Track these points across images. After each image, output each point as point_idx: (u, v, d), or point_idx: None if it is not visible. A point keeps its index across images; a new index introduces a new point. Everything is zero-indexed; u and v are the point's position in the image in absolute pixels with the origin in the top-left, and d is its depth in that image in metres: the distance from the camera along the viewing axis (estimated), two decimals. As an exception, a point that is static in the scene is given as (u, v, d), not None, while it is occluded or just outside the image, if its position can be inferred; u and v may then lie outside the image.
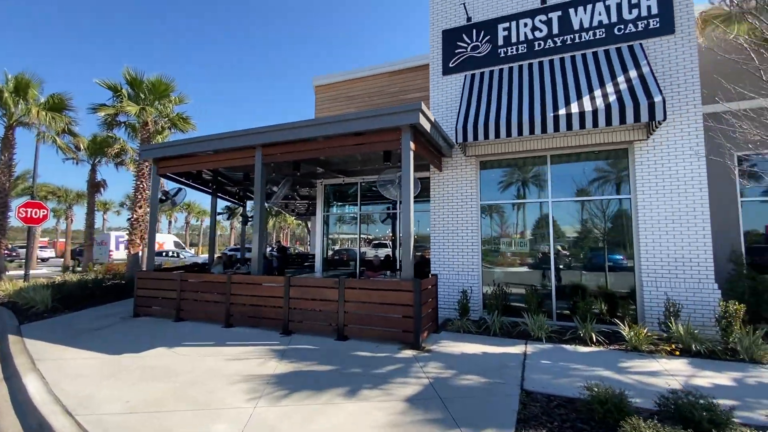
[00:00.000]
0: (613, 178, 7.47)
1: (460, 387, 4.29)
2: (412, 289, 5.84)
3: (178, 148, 8.21)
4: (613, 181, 7.47)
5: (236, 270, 11.94)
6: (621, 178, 7.37)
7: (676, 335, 5.73)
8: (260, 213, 7.59)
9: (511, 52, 8.00)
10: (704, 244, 6.49)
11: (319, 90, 11.69)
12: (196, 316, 7.74)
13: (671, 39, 6.92)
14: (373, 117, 6.35)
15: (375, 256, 10.28)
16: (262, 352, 5.64)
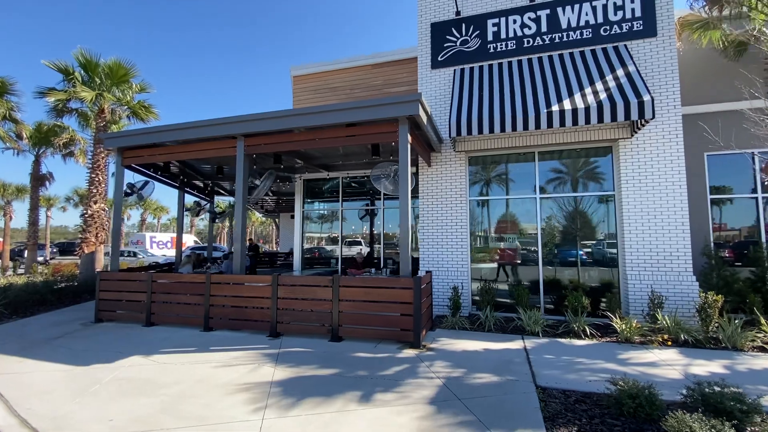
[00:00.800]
0: (597, 175, 7.68)
1: (475, 386, 4.15)
2: (411, 287, 5.65)
3: (150, 137, 7.49)
4: (597, 178, 7.67)
5: (206, 270, 11.22)
6: (605, 175, 7.58)
7: (664, 326, 5.95)
8: (242, 208, 7.08)
9: (501, 48, 8.01)
10: (683, 239, 6.81)
11: (298, 80, 11.19)
12: (169, 319, 7.11)
13: (653, 41, 7.19)
14: (369, 107, 6.08)
15: (358, 253, 9.99)
16: (253, 357, 5.22)
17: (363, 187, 10.78)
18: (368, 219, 10.99)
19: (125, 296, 7.55)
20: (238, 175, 7.07)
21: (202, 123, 7.14)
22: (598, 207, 7.65)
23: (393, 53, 10.27)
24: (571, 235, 7.79)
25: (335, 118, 6.30)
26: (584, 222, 7.74)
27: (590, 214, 7.71)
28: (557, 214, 7.85)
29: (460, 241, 8.00)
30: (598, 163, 7.66)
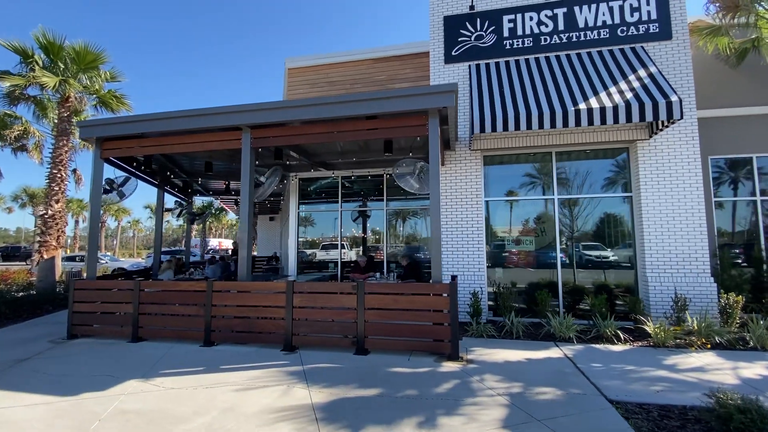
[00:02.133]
0: (614, 176, 7.62)
1: (544, 403, 3.76)
2: (447, 293, 5.21)
3: (136, 126, 6.58)
4: (614, 179, 7.61)
5: (189, 276, 10.25)
6: (623, 176, 7.53)
7: (694, 329, 5.87)
8: (249, 208, 6.36)
9: (517, 45, 7.79)
10: (701, 240, 6.83)
11: (294, 73, 10.50)
12: (161, 333, 6.24)
13: (669, 44, 7.22)
14: (396, 98, 5.60)
15: (361, 256, 9.42)
16: (277, 376, 4.56)
17: (367, 187, 10.23)
18: (360, 221, 10.45)
19: (106, 308, 6.58)
20: (244, 171, 6.34)
21: (201, 111, 6.36)
22: (615, 209, 7.58)
23: (397, 47, 9.85)
24: (588, 236, 7.67)
25: (357, 109, 5.78)
26: (601, 224, 7.65)
27: (607, 215, 7.63)
28: (574, 215, 7.71)
29: (477, 243, 7.67)
30: (615, 165, 7.60)
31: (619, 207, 7.53)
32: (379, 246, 9.94)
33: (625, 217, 7.48)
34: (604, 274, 7.51)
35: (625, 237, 7.48)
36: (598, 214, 7.64)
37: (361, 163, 9.43)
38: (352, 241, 10.33)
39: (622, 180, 7.53)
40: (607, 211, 7.61)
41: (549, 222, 7.74)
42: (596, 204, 7.64)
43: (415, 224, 10.09)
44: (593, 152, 7.68)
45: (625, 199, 7.47)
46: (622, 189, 7.50)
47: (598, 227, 7.64)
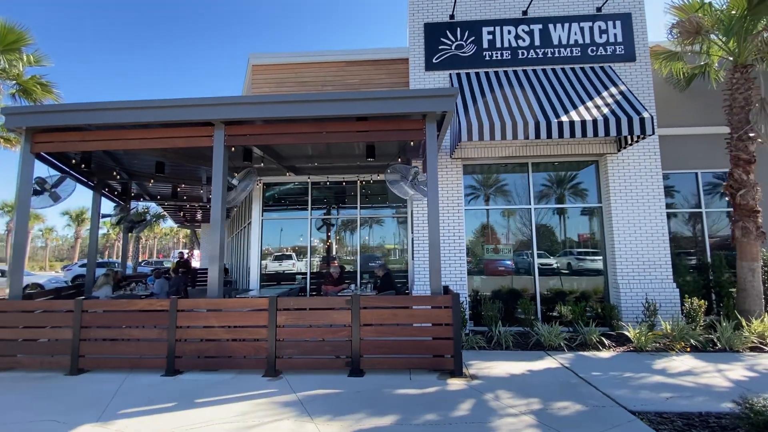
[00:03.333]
0: (584, 187, 7.96)
1: (573, 419, 3.60)
2: (450, 305, 4.94)
3: (82, 116, 5.55)
4: (584, 190, 7.96)
5: (131, 292, 8.98)
6: (591, 187, 7.89)
7: (669, 333, 6.18)
8: (221, 214, 5.63)
9: (497, 57, 7.91)
10: (664, 249, 7.32)
11: (260, 70, 9.76)
12: (108, 363, 5.24)
13: (633, 66, 7.77)
14: (394, 99, 5.31)
15: (334, 267, 8.86)
16: (270, 409, 3.95)
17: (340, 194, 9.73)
18: (324, 230, 9.93)
19: (34, 334, 5.40)
20: (216, 173, 5.61)
21: (167, 103, 5.54)
22: (586, 218, 7.91)
23: (371, 51, 9.58)
24: (563, 245, 7.90)
25: (351, 108, 5.39)
26: (574, 232, 7.93)
27: (579, 224, 7.94)
28: (550, 224, 7.92)
29: (458, 252, 7.55)
30: (585, 177, 7.96)
31: (589, 216, 7.87)
32: (353, 257, 9.48)
33: (595, 227, 7.83)
34: (575, 281, 7.77)
35: (596, 245, 7.81)
36: (572, 224, 7.92)
37: (336, 169, 8.96)
38: (320, 251, 9.75)
39: (591, 191, 7.89)
40: (579, 220, 7.92)
41: (526, 231, 7.87)
42: (569, 213, 7.92)
43: (389, 234, 9.79)
44: (567, 164, 7.98)
45: (594, 209, 7.82)
46: (591, 200, 7.85)
47: (571, 236, 7.91)
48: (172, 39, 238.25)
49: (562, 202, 7.92)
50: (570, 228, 7.94)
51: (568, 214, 7.93)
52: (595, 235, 7.84)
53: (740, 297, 6.90)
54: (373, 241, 9.80)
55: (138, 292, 9.09)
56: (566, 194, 7.96)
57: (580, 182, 7.98)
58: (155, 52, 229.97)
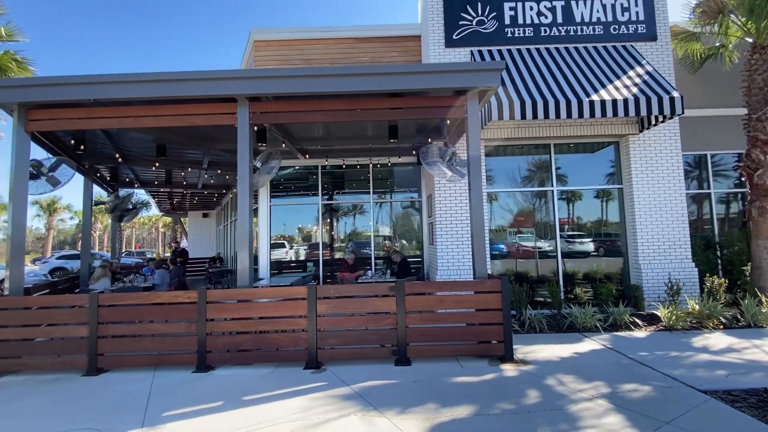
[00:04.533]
0: (606, 168, 7.93)
1: (648, 402, 3.52)
2: (499, 290, 4.77)
3: (87, 90, 4.95)
4: (605, 171, 7.93)
5: (130, 284, 8.44)
6: (612, 168, 7.86)
7: (695, 312, 6.25)
8: (248, 198, 5.21)
9: (519, 34, 7.66)
10: (684, 229, 7.40)
11: (262, 46, 9.14)
12: (133, 361, 4.82)
13: (654, 45, 7.69)
14: (439, 73, 5.00)
15: (349, 254, 8.56)
16: (329, 403, 3.69)
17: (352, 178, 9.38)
18: (334, 216, 9.57)
19: (40, 333, 4.91)
20: (241, 154, 5.17)
21: (184, 75, 5.03)
22: (605, 199, 7.90)
23: (382, 28, 9.13)
24: (584, 227, 7.89)
25: (388, 83, 5.01)
26: (594, 214, 7.92)
27: (599, 205, 7.93)
28: (571, 206, 7.87)
29: (482, 236, 7.39)
30: (607, 157, 7.91)
31: (609, 197, 7.86)
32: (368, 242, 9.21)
33: (615, 208, 7.83)
34: (594, 263, 7.79)
35: (617, 226, 7.83)
36: (593, 205, 7.90)
37: (348, 152, 8.57)
38: (330, 237, 9.42)
39: (613, 172, 7.86)
40: (599, 202, 7.91)
41: (548, 213, 7.79)
42: (591, 195, 7.89)
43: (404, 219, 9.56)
44: (589, 145, 7.91)
45: (615, 191, 7.81)
46: (612, 181, 7.83)
47: (593, 217, 7.90)
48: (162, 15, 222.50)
49: (586, 184, 7.87)
50: (591, 210, 7.93)
51: (589, 195, 7.90)
52: (617, 216, 7.84)
53: (755, 274, 7.08)
54: (383, 226, 9.54)
55: (137, 284, 8.56)
56: (588, 176, 7.90)
57: (601, 164, 7.94)
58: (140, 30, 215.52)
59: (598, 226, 7.94)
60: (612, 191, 7.90)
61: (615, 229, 7.88)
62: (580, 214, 7.94)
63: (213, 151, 8.25)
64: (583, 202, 7.94)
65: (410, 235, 9.50)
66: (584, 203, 7.94)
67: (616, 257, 7.83)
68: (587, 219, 7.97)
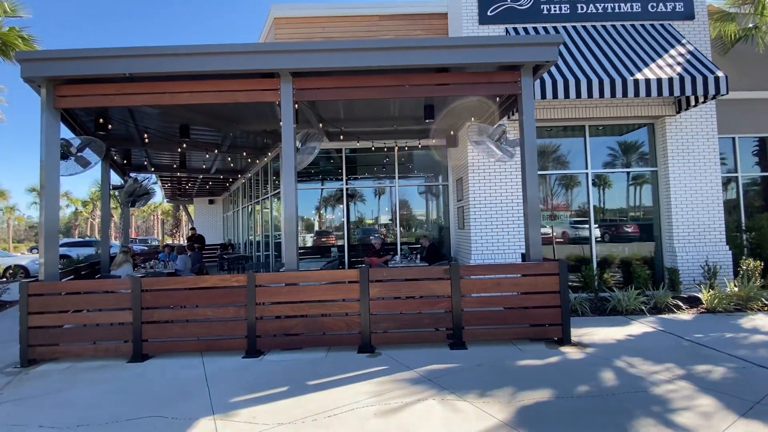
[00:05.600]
0: (641, 151, 7.81)
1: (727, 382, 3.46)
2: (557, 272, 4.66)
3: (123, 63, 4.66)
4: (641, 154, 7.81)
5: (153, 269, 8.26)
6: (647, 151, 7.74)
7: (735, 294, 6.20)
8: (293, 178, 5.01)
9: (555, 11, 7.41)
10: (718, 212, 7.33)
11: (282, 23, 8.79)
12: (177, 347, 4.66)
13: (691, 24, 7.49)
14: (492, 46, 4.77)
15: (376, 238, 8.40)
16: (401, 387, 3.57)
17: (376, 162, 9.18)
18: (350, 201, 9.34)
19: (81, 319, 4.72)
20: (286, 132, 4.94)
21: (226, 48, 4.76)
22: (641, 182, 7.81)
23: (407, 4, 8.82)
24: (618, 211, 7.81)
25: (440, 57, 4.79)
26: (629, 197, 7.83)
27: (634, 189, 7.83)
28: (606, 190, 7.77)
29: (516, 220, 7.27)
30: (642, 140, 7.78)
31: (644, 181, 7.76)
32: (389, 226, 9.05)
33: (649, 191, 7.74)
34: (626, 247, 7.73)
35: (649, 210, 7.74)
36: (627, 188, 7.81)
37: (374, 134, 8.34)
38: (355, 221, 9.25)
39: (647, 155, 7.74)
40: (634, 185, 7.81)
41: (582, 196, 7.68)
42: (625, 178, 7.79)
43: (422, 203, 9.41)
44: (624, 126, 7.76)
45: (651, 174, 7.70)
46: (648, 163, 7.72)
47: (627, 201, 7.82)
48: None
49: (619, 167, 7.75)
50: (624, 193, 7.83)
51: (623, 178, 7.80)
52: (651, 199, 7.73)
53: (791, 257, 7.06)
54: (405, 210, 9.39)
55: (159, 270, 8.37)
56: (622, 159, 7.79)
57: (636, 146, 7.82)
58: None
59: (631, 209, 7.86)
60: (644, 174, 7.79)
61: (647, 212, 7.80)
62: (614, 197, 7.85)
63: (237, 132, 7.99)
64: (617, 185, 7.84)
65: (433, 220, 9.37)
66: (617, 186, 7.84)
67: (647, 241, 7.76)
68: (620, 202, 7.88)
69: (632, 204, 7.88)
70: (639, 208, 7.86)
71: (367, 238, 9.04)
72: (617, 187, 7.86)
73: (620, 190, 7.88)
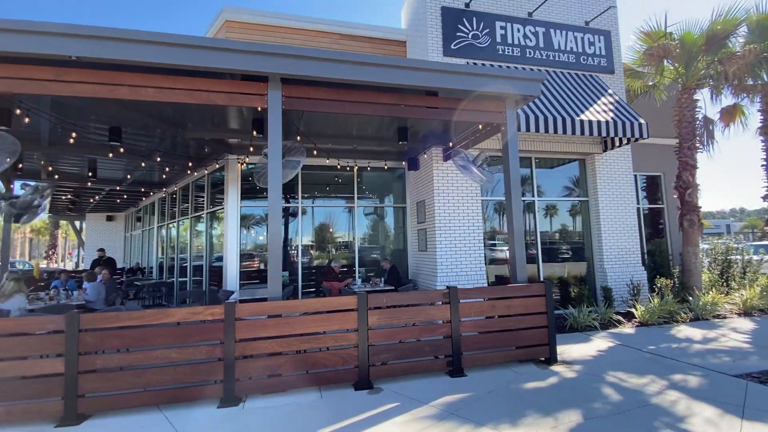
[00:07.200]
0: (574, 182, 8.80)
1: (705, 389, 3.89)
2: (544, 293, 4.87)
3: (65, 43, 3.73)
4: (574, 185, 8.79)
5: (54, 300, 6.68)
6: (580, 183, 8.77)
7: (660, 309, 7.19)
8: (279, 196, 4.47)
9: (508, 52, 8.12)
10: (636, 238, 8.56)
11: (234, 28, 8.09)
12: (129, 401, 3.68)
13: (612, 77, 8.85)
14: (485, 76, 4.97)
15: (335, 261, 7.88)
16: (429, 427, 3.28)
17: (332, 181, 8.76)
18: (305, 223, 8.83)
19: (-20, 374, 3.47)
20: (273, 144, 4.43)
21: (210, 43, 4.15)
22: (575, 210, 8.76)
23: (369, 28, 8.86)
24: (556, 235, 8.60)
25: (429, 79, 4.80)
26: (566, 223, 8.71)
27: (568, 215, 8.74)
28: (547, 215, 8.53)
29: (477, 243, 7.55)
30: (575, 173, 8.79)
31: (579, 209, 8.74)
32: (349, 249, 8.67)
33: (583, 218, 8.72)
34: (566, 268, 8.55)
35: (582, 235, 8.71)
36: (564, 215, 8.68)
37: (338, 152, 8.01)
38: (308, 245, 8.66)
39: (579, 186, 8.76)
40: (569, 213, 8.74)
41: (531, 221, 8.31)
42: (563, 206, 8.67)
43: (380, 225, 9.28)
44: (558, 160, 8.69)
45: (583, 203, 8.71)
46: (579, 194, 8.73)
47: (563, 226, 8.68)
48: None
49: (555, 195, 8.62)
50: (562, 219, 8.70)
51: (562, 206, 8.68)
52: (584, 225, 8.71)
53: (685, 276, 8.51)
54: (373, 232, 9.16)
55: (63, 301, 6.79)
56: (561, 189, 8.68)
57: (571, 178, 8.79)
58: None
59: (568, 234, 8.74)
60: (576, 203, 8.79)
61: (580, 236, 8.76)
62: (554, 222, 8.66)
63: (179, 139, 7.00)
64: (556, 212, 8.68)
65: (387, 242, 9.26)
66: (557, 213, 8.69)
67: (581, 262, 8.68)
68: (559, 227, 8.72)
69: (569, 230, 8.78)
70: (575, 233, 8.79)
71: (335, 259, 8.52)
72: (559, 214, 8.71)
73: (561, 217, 8.74)
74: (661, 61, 8.63)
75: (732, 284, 9.16)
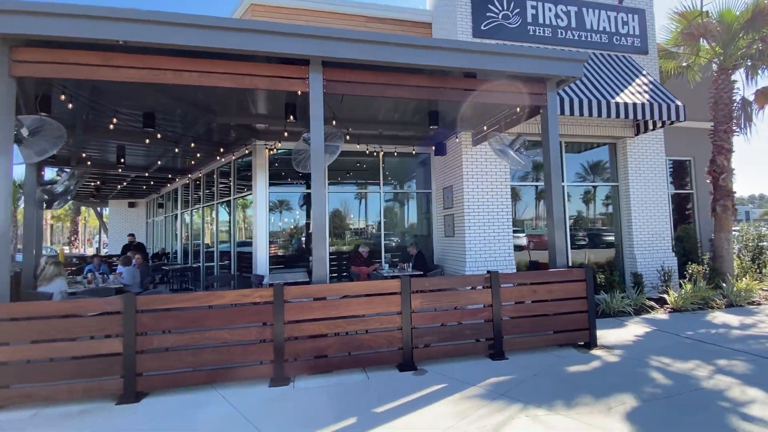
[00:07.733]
0: (605, 167, 8.64)
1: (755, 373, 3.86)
2: (584, 278, 4.84)
3: (116, 27, 3.73)
4: (604, 170, 8.63)
5: (91, 284, 6.87)
6: (610, 167, 8.60)
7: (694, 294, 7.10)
8: (323, 177, 4.48)
9: (539, 33, 7.90)
10: (666, 223, 8.42)
11: (260, 11, 8.00)
12: (182, 380, 3.79)
13: (646, 58, 8.58)
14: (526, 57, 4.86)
15: (363, 246, 7.94)
16: (479, 407, 3.32)
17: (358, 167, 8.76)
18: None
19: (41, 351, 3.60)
20: (315, 127, 4.41)
21: (253, 25, 4.12)
22: (604, 195, 8.63)
23: (397, 10, 8.70)
24: (586, 220, 8.50)
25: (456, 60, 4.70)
26: (594, 208, 8.59)
27: (600, 201, 8.62)
28: (575, 201, 8.42)
29: (506, 228, 7.51)
30: (604, 158, 8.62)
31: (608, 194, 8.61)
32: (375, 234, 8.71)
33: (613, 203, 8.59)
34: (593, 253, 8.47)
35: (612, 220, 8.59)
36: (594, 200, 8.56)
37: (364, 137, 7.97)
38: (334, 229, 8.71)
39: (610, 171, 8.60)
40: (600, 198, 8.61)
41: (559, 207, 8.22)
42: (591, 191, 8.54)
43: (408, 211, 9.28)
44: (589, 144, 8.53)
45: (612, 188, 8.56)
46: (610, 179, 8.57)
47: (593, 211, 8.56)
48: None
49: (587, 180, 8.48)
50: (593, 205, 8.59)
51: (590, 191, 8.55)
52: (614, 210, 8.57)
53: (717, 262, 8.35)
54: (398, 219, 9.19)
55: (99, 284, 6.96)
56: (589, 174, 8.54)
57: (601, 163, 8.64)
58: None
59: (596, 219, 8.63)
60: (607, 188, 8.64)
61: (609, 222, 8.64)
62: (582, 208, 8.55)
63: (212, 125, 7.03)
64: (584, 197, 8.56)
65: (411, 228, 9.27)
66: (585, 198, 8.56)
67: (609, 248, 8.58)
68: (587, 213, 8.61)
69: (597, 214, 8.67)
70: (601, 219, 8.67)
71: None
72: (584, 199, 8.59)
73: (588, 201, 8.62)
74: (698, 41, 8.32)
75: (764, 271, 8.99)
